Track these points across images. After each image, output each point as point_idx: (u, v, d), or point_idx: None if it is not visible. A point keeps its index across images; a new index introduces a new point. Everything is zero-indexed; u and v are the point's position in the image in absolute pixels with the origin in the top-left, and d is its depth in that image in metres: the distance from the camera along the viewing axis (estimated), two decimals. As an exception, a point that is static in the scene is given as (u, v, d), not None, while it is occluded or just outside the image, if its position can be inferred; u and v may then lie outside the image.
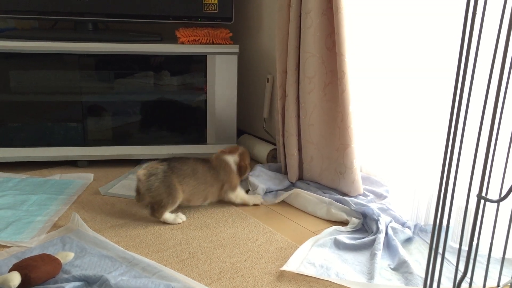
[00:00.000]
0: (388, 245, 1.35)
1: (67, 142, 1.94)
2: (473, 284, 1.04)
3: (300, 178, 1.82)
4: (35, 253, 1.24)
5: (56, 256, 1.18)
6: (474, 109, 0.86)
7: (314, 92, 1.67)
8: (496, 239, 1.01)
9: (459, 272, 0.89)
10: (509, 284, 1.06)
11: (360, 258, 1.30)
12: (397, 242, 1.34)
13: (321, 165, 1.74)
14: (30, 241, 1.33)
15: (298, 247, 1.34)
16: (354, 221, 1.48)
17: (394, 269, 1.25)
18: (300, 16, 1.65)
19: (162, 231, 1.45)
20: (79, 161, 1.96)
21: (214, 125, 2.02)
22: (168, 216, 1.49)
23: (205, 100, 1.99)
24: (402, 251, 1.29)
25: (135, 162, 1.99)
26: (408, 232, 1.41)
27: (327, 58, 1.64)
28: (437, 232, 0.85)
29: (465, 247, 0.84)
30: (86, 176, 1.84)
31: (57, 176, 1.84)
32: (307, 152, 1.75)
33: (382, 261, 1.28)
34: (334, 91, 1.66)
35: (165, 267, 1.22)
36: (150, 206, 1.49)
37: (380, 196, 1.64)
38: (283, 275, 1.22)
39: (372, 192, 1.67)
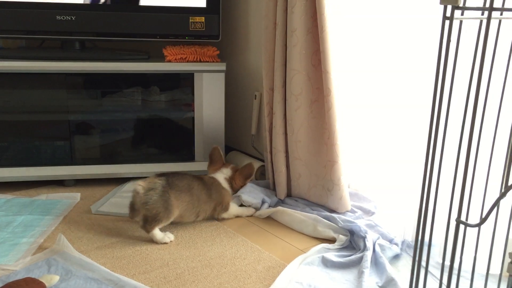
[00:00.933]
0: (376, 263, 1.35)
1: (54, 161, 1.93)
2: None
3: (289, 195, 1.83)
4: (19, 276, 1.23)
5: (41, 280, 1.17)
6: (453, 131, 0.87)
7: (300, 109, 1.68)
8: (481, 254, 1.02)
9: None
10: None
11: (348, 276, 1.30)
12: (384, 259, 1.34)
13: (309, 182, 1.75)
14: (15, 264, 1.31)
15: (287, 266, 1.34)
16: (342, 238, 1.48)
17: (382, 287, 1.25)
18: (286, 34, 1.67)
19: (149, 251, 1.44)
20: (66, 180, 1.94)
21: (202, 142, 2.02)
22: (157, 232, 1.48)
23: (193, 118, 2.00)
24: (389, 268, 1.30)
25: (122, 181, 1.98)
26: (396, 249, 1.42)
27: (313, 75, 1.66)
28: (419, 249, 0.85)
29: (448, 263, 0.84)
30: (73, 196, 1.83)
31: (44, 196, 1.82)
32: (295, 169, 1.75)
33: (370, 279, 1.28)
34: (320, 108, 1.67)
35: (152, 288, 1.22)
36: (143, 218, 1.48)
37: (368, 212, 1.65)
38: (270, 295, 1.21)
39: (360, 208, 1.67)
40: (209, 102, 1.98)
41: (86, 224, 1.61)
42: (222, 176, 1.72)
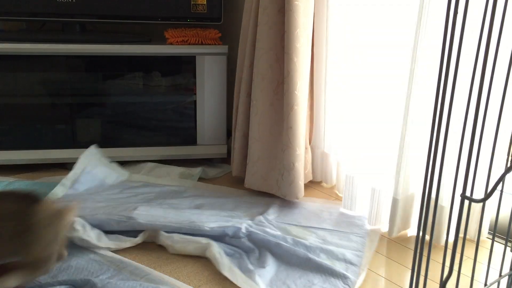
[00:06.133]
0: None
1: (55, 145, 1.92)
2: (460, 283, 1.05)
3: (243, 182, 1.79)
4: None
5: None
6: (458, 108, 0.86)
7: (266, 90, 1.64)
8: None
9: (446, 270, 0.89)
10: (496, 283, 1.06)
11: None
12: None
13: (267, 166, 1.71)
14: (17, 245, 1.31)
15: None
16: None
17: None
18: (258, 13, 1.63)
19: (151, 233, 1.44)
20: (68, 163, 1.94)
21: (204, 126, 2.01)
22: None
23: (195, 101, 1.99)
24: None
25: (124, 164, 1.98)
26: None
27: (281, 56, 1.61)
28: (421, 232, 0.85)
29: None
30: (75, 179, 1.82)
31: (45, 179, 1.82)
32: (254, 152, 1.71)
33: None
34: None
35: (154, 270, 1.21)
36: None
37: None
38: (272, 276, 1.21)
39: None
40: (211, 85, 1.97)
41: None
42: None
